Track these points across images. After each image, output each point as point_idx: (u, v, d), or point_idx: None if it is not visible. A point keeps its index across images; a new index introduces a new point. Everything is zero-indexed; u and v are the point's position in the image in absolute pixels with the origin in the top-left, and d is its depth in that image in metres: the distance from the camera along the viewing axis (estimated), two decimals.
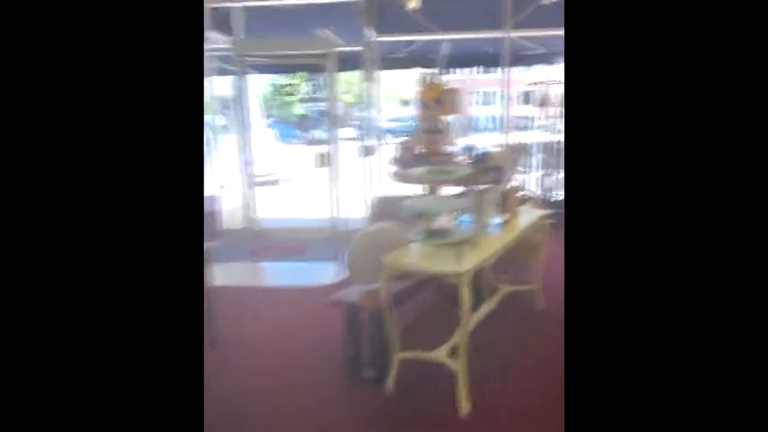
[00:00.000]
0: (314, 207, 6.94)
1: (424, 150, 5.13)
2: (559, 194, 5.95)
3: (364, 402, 2.50)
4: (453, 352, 2.48)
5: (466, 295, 2.16)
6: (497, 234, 2.72)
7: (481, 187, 2.71)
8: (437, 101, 5.13)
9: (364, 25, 5.33)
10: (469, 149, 5.23)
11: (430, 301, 3.33)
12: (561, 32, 6.13)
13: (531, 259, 3.53)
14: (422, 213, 2.49)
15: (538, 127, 6.33)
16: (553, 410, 2.35)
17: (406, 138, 5.34)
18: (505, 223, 2.85)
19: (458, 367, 2.35)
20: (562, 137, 5.99)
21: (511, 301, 3.44)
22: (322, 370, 2.76)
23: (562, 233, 3.60)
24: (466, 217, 2.65)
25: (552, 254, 3.56)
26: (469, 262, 2.23)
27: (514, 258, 3.40)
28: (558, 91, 6.01)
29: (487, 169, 2.76)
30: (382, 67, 6.35)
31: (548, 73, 6.98)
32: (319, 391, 2.57)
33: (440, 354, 2.49)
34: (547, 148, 6.15)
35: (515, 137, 6.71)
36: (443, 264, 2.25)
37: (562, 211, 5.15)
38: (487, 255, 2.40)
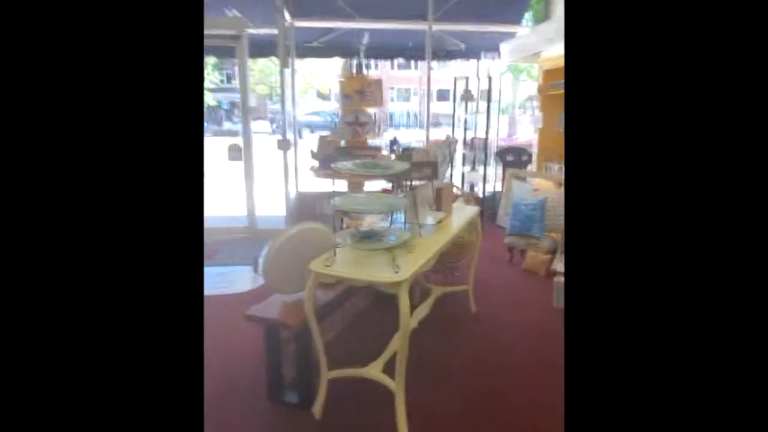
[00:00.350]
0: (227, 205, 6.39)
1: (347, 143, 4.85)
2: (483, 191, 5.94)
3: (287, 431, 2.17)
4: (388, 367, 2.23)
5: (405, 306, 1.91)
6: (433, 235, 2.50)
7: (415, 183, 2.47)
8: (360, 93, 4.86)
9: (278, 7, 4.90)
10: (394, 143, 5.02)
11: (357, 309, 3.05)
12: (481, 28, 6.13)
13: (463, 258, 3.38)
14: (353, 212, 2.19)
15: (459, 123, 6.28)
16: (499, 425, 2.18)
17: (326, 131, 5.03)
18: (440, 222, 2.65)
19: (395, 384, 2.10)
20: (483, 133, 5.98)
21: (444, 304, 3.26)
22: (237, 395, 2.37)
23: (488, 230, 3.52)
24: (398, 217, 2.39)
25: (480, 252, 3.43)
26: (406, 268, 1.98)
27: (447, 257, 3.23)
28: (480, 86, 5.99)
29: (422, 163, 2.52)
30: (298, 56, 5.95)
31: (468, 69, 6.98)
32: (234, 421, 2.19)
33: (374, 370, 2.22)
34: (469, 143, 6.11)
35: (434, 133, 6.63)
36: (378, 271, 1.97)
37: (486, 206, 5.10)
38: (424, 259, 2.16)
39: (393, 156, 4.04)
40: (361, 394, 2.30)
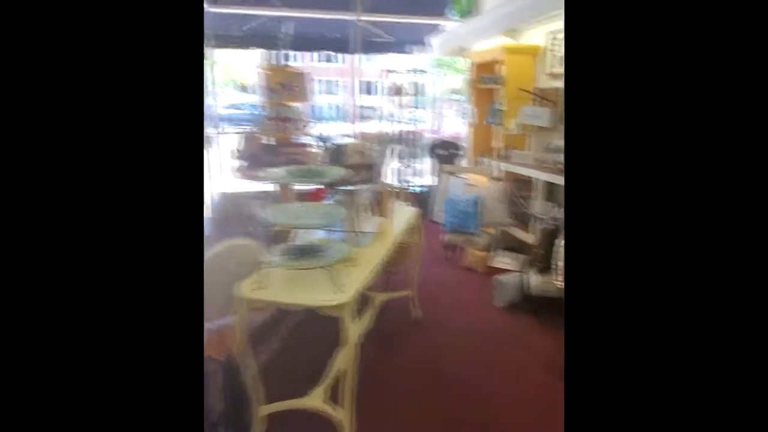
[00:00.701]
0: None
1: (273, 140, 4.51)
2: (417, 185, 5.84)
3: None
4: (332, 393, 2.01)
5: (351, 331, 1.69)
6: (375, 243, 2.30)
7: (352, 188, 2.25)
8: (285, 86, 4.53)
9: None
10: (323, 139, 4.75)
11: (291, 325, 2.79)
12: (407, 20, 5.99)
13: (405, 262, 3.21)
14: (286, 226, 1.93)
15: (390, 117, 6.12)
16: None
17: (249, 127, 4.65)
18: (381, 228, 2.45)
19: (342, 415, 1.88)
20: (414, 127, 5.88)
21: (387, 312, 3.08)
22: None
23: (423, 226, 3.39)
24: (335, 227, 2.17)
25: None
26: (350, 286, 1.76)
27: (388, 262, 3.05)
28: (410, 80, 5.86)
29: (359, 166, 2.31)
30: (215, 45, 5.48)
31: (395, 62, 6.83)
32: None
33: (316, 400, 1.99)
34: (401, 138, 5.98)
35: (362, 127, 6.44)
36: (318, 293, 1.74)
37: (420, 203, 5.02)
38: (369, 273, 1.96)
39: (323, 153, 3.79)
40: (302, 426, 2.06)
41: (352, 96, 6.35)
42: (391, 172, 6.01)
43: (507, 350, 2.78)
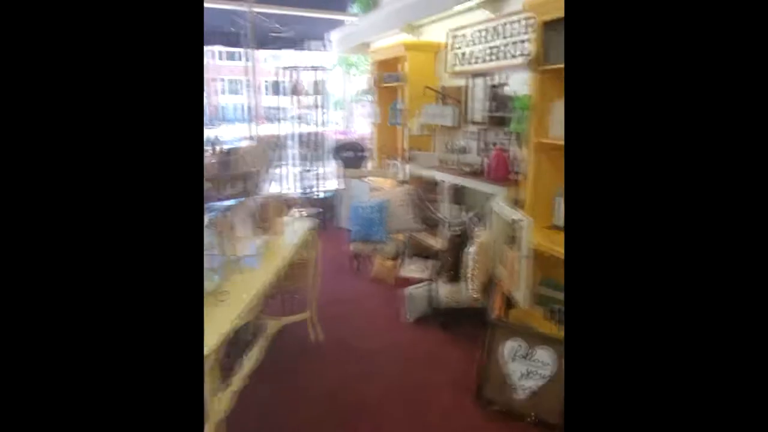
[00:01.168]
0: None
1: None
2: (321, 191, 5.50)
3: None
4: None
5: (212, 399, 1.33)
6: (259, 267, 1.95)
7: (227, 203, 1.88)
8: None
9: None
10: (213, 144, 4.26)
11: None
12: (305, 13, 5.63)
13: (302, 281, 2.87)
14: None
15: (291, 118, 5.72)
16: None
17: None
18: (267, 246, 2.10)
19: None
20: (318, 128, 5.54)
21: (283, 339, 2.73)
22: None
23: (329, 234, 3.07)
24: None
25: (323, 261, 2.96)
26: (215, 329, 1.40)
27: (283, 281, 2.69)
28: (310, 78, 5.50)
29: (233, 176, 1.94)
30: None
31: (298, 60, 6.44)
32: None
33: None
34: (303, 140, 5.60)
35: (267, 129, 5.99)
36: None
37: (325, 209, 4.68)
38: (242, 309, 1.60)
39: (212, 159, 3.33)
40: None
41: (254, 95, 5.87)
42: (293, 178, 5.62)
43: (416, 369, 2.55)
